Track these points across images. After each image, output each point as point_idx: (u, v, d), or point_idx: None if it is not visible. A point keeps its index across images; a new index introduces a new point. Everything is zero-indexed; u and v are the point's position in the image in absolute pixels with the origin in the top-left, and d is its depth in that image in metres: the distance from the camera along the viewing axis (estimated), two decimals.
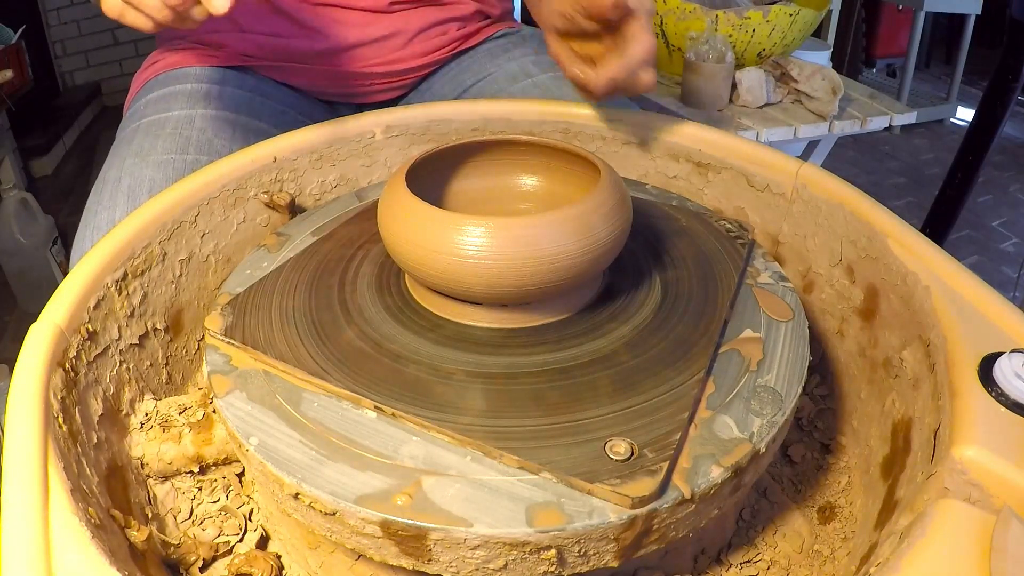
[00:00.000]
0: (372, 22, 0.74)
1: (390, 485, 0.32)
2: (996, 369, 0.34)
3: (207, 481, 0.44)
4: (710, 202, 0.60)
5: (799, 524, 0.44)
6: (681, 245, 0.48)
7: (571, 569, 0.32)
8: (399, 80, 0.78)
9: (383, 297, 0.43)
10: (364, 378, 0.37)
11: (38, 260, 1.61)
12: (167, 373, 0.50)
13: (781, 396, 0.37)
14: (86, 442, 0.38)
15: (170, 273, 0.50)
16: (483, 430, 0.34)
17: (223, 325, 0.41)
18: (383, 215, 0.40)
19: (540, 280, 0.37)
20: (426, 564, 0.32)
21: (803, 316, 0.43)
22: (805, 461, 0.49)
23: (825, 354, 0.54)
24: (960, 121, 2.83)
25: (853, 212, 0.49)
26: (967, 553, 0.28)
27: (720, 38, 1.12)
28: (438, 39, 0.78)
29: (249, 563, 0.39)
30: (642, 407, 0.35)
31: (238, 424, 0.35)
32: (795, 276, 0.55)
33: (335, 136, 0.60)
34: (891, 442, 0.42)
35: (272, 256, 0.49)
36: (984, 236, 2.10)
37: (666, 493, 0.31)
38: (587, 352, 0.39)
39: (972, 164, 1.35)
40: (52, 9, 2.59)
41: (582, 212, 0.38)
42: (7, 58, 1.68)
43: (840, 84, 1.18)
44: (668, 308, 0.42)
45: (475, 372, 0.38)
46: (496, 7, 0.84)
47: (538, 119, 0.64)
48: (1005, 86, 1.26)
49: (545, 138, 0.48)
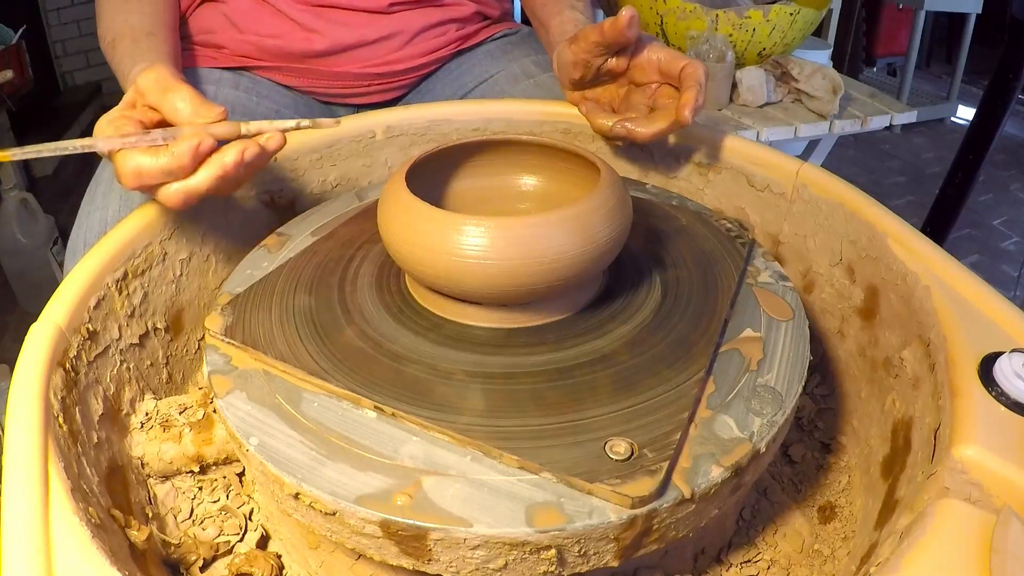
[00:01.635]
0: (371, 23, 0.74)
1: (390, 485, 0.32)
2: (996, 369, 0.34)
3: (207, 481, 0.44)
4: (710, 202, 0.60)
5: (799, 524, 0.44)
6: (681, 245, 0.48)
7: (571, 569, 0.32)
8: (398, 81, 0.78)
9: (383, 297, 0.43)
10: (364, 378, 0.37)
11: (38, 260, 1.61)
12: (167, 373, 0.50)
13: (781, 396, 0.37)
14: (86, 442, 0.38)
15: (170, 273, 0.50)
16: (483, 430, 0.34)
17: (223, 325, 0.41)
18: (383, 215, 0.40)
19: (540, 280, 0.37)
20: (426, 564, 0.32)
21: (803, 316, 0.43)
22: (805, 461, 0.49)
23: (825, 354, 0.54)
24: (961, 120, 2.82)
25: (853, 212, 0.49)
26: (967, 553, 0.28)
27: (720, 37, 1.12)
28: (437, 40, 0.78)
29: (249, 563, 0.39)
30: (642, 407, 0.35)
31: (238, 424, 0.35)
32: (795, 276, 0.55)
33: (335, 136, 0.60)
34: (891, 442, 0.42)
35: (272, 256, 0.49)
36: (985, 235, 2.10)
37: (666, 493, 0.31)
38: (587, 352, 0.39)
39: (973, 163, 1.35)
40: (52, 9, 2.59)
41: (582, 212, 0.38)
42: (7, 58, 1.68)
43: (840, 83, 1.18)
44: (668, 308, 0.42)
45: (475, 372, 0.38)
46: (495, 8, 0.84)
47: (539, 119, 0.64)
48: (1006, 85, 1.26)
49: (545, 138, 0.48)
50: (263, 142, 0.44)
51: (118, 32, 0.59)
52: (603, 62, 0.57)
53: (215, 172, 0.43)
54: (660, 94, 0.57)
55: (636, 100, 0.58)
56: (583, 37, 0.56)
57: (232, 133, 0.44)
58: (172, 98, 0.43)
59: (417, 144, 0.64)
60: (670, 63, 0.55)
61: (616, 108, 0.60)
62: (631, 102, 0.58)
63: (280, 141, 0.45)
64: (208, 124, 0.43)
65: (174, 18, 0.67)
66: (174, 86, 0.44)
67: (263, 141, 0.44)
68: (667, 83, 0.56)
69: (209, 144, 0.42)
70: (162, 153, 0.41)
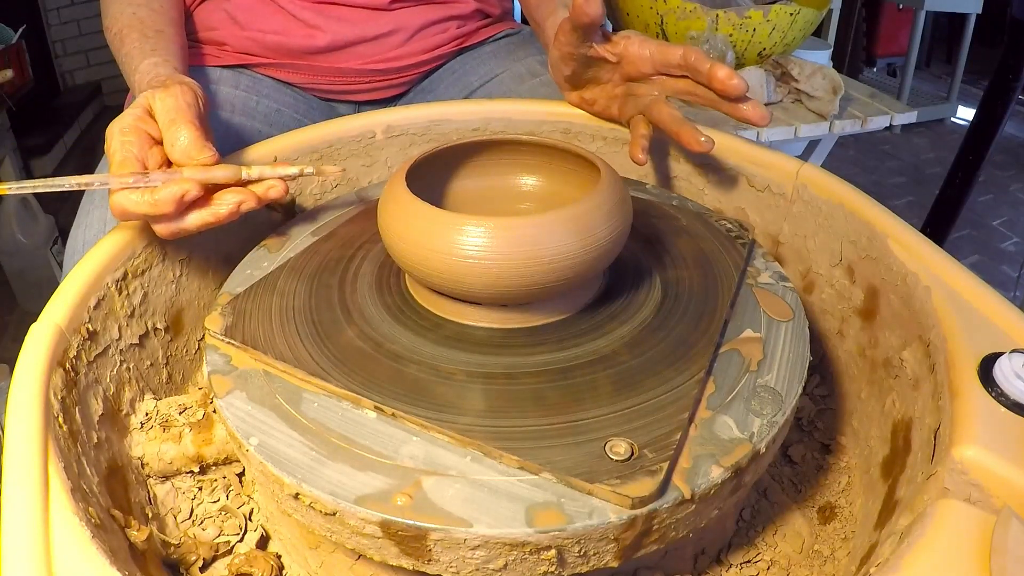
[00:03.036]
0: (372, 19, 0.74)
1: (390, 485, 0.32)
2: (996, 369, 0.34)
3: (207, 481, 0.44)
4: (710, 202, 0.60)
5: (799, 524, 0.44)
6: (681, 245, 0.48)
7: (571, 569, 0.32)
8: (399, 77, 0.78)
9: (383, 297, 0.43)
10: (364, 378, 0.37)
11: (38, 260, 1.61)
12: (167, 373, 0.50)
13: (781, 396, 0.37)
14: (86, 442, 0.38)
15: (170, 273, 0.50)
16: (483, 430, 0.34)
17: (223, 325, 0.41)
18: (383, 215, 0.40)
19: (540, 280, 0.37)
20: (426, 564, 0.32)
21: (803, 316, 0.43)
22: (805, 461, 0.49)
23: (825, 354, 0.54)
24: (961, 120, 2.83)
25: (853, 212, 0.49)
26: (967, 553, 0.28)
27: (720, 37, 1.12)
28: (438, 37, 0.78)
29: (249, 563, 0.39)
30: (642, 407, 0.35)
31: (238, 424, 0.35)
32: (795, 276, 0.55)
33: (336, 136, 0.60)
34: (891, 442, 0.42)
35: (272, 256, 0.49)
36: (985, 235, 2.10)
37: (666, 493, 0.31)
38: (587, 352, 0.39)
39: (973, 163, 1.35)
40: (52, 9, 2.59)
41: (582, 212, 0.38)
42: (7, 58, 1.68)
43: (841, 83, 1.18)
44: (668, 308, 0.42)
45: (475, 372, 0.38)
46: (496, 7, 0.84)
47: (539, 119, 0.64)
48: (1006, 85, 1.26)
49: (545, 138, 0.48)
50: (262, 193, 0.45)
51: (126, 24, 0.59)
52: (587, 50, 0.56)
53: (206, 219, 0.44)
54: (661, 86, 0.56)
55: (642, 93, 0.57)
56: (560, 30, 0.56)
57: (232, 179, 0.45)
58: (175, 131, 0.44)
59: (417, 144, 0.64)
60: (663, 54, 0.54)
61: (618, 108, 0.60)
62: (636, 95, 0.57)
63: (282, 191, 0.46)
64: (207, 168, 0.44)
65: (180, 14, 0.67)
66: (181, 121, 0.44)
67: (262, 192, 0.45)
68: (663, 73, 0.56)
69: (194, 195, 0.43)
70: (147, 195, 0.42)
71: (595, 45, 0.56)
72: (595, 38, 0.55)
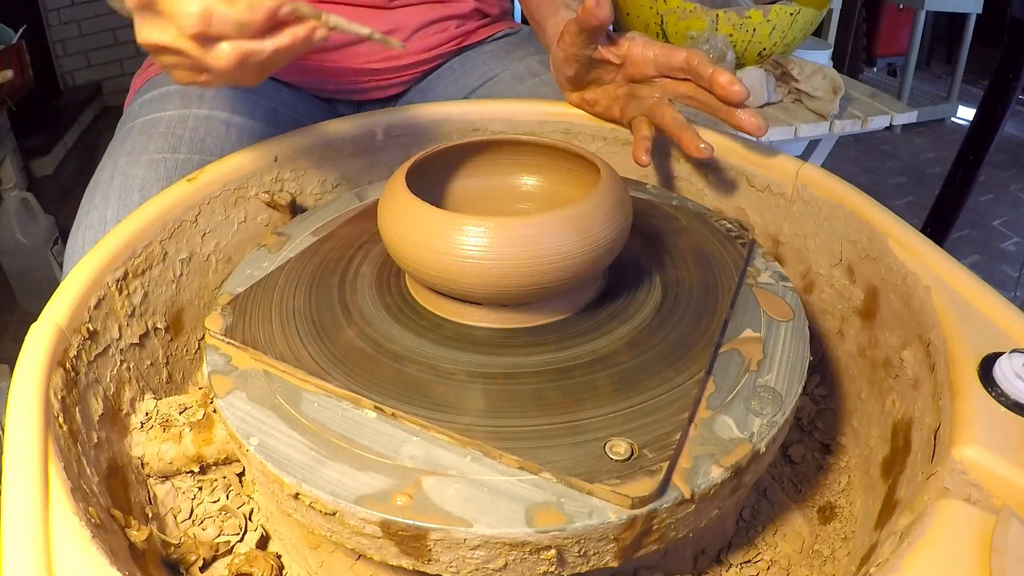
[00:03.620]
0: (371, 18, 0.74)
1: (390, 485, 0.32)
2: (996, 369, 0.34)
3: (207, 481, 0.44)
4: (710, 202, 0.60)
5: (799, 524, 0.44)
6: (681, 245, 0.48)
7: (571, 569, 0.32)
8: (398, 76, 0.78)
9: (383, 297, 0.43)
10: (364, 378, 0.37)
11: (38, 260, 1.61)
12: (167, 372, 0.50)
13: (781, 396, 0.37)
14: (86, 442, 0.38)
15: (171, 272, 0.50)
16: (483, 430, 0.34)
17: (223, 325, 0.41)
18: (383, 215, 0.40)
19: (540, 280, 0.37)
20: (426, 564, 0.32)
21: (803, 316, 0.43)
22: (805, 461, 0.49)
23: (825, 354, 0.54)
24: (961, 120, 2.83)
25: (853, 212, 0.49)
26: (967, 553, 0.28)
27: (721, 37, 1.12)
28: (437, 36, 0.78)
29: (249, 563, 0.39)
30: (642, 407, 0.35)
31: (238, 424, 0.35)
32: (795, 276, 0.55)
33: (336, 136, 0.60)
34: (891, 442, 0.42)
35: (272, 256, 0.49)
36: (985, 235, 2.10)
37: (666, 493, 0.31)
38: (587, 352, 0.39)
39: (973, 163, 1.35)
40: (52, 9, 2.59)
41: (582, 212, 0.38)
42: (7, 58, 1.68)
43: (841, 83, 1.18)
44: (668, 308, 0.42)
45: (475, 372, 0.38)
46: (495, 6, 0.84)
47: (539, 119, 0.64)
48: (1006, 85, 1.26)
49: (545, 138, 0.48)
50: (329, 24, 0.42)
51: None
52: (592, 52, 0.56)
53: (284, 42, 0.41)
54: (663, 88, 0.56)
55: (644, 95, 0.57)
56: (565, 31, 0.56)
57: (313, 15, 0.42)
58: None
59: (417, 144, 0.64)
60: (666, 56, 0.55)
61: (620, 110, 0.60)
62: (639, 96, 0.58)
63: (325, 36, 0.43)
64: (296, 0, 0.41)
65: None
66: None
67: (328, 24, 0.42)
68: (665, 76, 0.56)
69: (287, 12, 0.40)
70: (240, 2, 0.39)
71: (600, 47, 0.56)
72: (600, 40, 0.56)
